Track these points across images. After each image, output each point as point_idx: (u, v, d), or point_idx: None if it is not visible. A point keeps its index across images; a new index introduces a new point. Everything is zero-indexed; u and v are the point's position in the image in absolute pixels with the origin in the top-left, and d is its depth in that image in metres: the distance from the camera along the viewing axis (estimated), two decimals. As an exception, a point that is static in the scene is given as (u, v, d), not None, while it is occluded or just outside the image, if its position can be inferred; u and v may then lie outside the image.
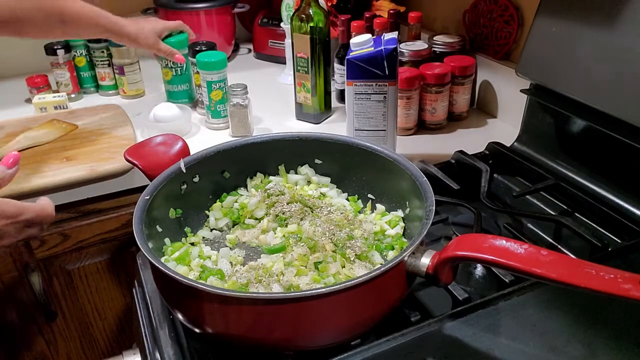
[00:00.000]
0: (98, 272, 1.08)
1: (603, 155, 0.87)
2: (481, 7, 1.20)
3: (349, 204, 0.80)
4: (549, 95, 0.93)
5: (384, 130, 0.94)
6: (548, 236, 0.82)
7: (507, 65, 1.13)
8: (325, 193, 0.81)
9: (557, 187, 0.89)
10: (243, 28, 1.69)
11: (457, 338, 0.60)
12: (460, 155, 0.97)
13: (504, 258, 0.52)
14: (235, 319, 0.56)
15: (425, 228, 0.60)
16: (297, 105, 1.18)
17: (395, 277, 0.58)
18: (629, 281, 0.46)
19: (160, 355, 0.65)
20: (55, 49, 1.25)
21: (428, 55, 1.17)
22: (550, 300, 0.64)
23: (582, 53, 0.85)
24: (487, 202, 0.86)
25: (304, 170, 0.83)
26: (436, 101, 1.12)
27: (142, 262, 0.78)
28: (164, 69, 1.22)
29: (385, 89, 0.90)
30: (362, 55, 0.88)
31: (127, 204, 1.02)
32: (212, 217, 0.78)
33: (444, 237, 0.82)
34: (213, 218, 0.78)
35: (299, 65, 1.12)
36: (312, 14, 1.06)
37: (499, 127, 1.17)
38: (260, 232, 0.75)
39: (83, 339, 1.14)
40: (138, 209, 0.65)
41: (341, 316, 0.56)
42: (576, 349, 0.58)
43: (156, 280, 0.65)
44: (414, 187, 0.69)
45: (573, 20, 0.87)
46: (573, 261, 0.54)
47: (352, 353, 0.58)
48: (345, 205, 0.79)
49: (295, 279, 0.63)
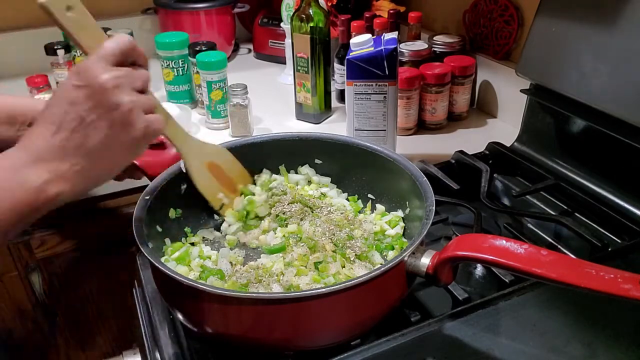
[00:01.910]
0: (98, 272, 1.08)
1: (603, 155, 0.87)
2: (481, 7, 1.20)
3: (349, 204, 0.80)
4: (549, 95, 0.93)
5: (384, 130, 0.94)
6: (548, 236, 0.82)
7: (507, 65, 1.13)
8: (326, 193, 0.81)
9: (557, 187, 0.89)
10: (243, 28, 1.69)
11: (457, 338, 0.60)
12: (460, 155, 0.97)
13: (504, 258, 0.52)
14: (235, 319, 0.56)
15: (425, 228, 0.60)
16: (297, 105, 1.18)
17: (395, 277, 0.58)
18: (629, 281, 0.46)
19: (160, 355, 0.65)
20: (55, 49, 1.25)
21: (428, 55, 1.17)
22: (550, 300, 0.64)
23: (582, 53, 0.85)
24: (487, 202, 0.86)
25: (304, 170, 0.83)
26: (436, 101, 1.12)
27: (142, 262, 0.77)
28: (165, 70, 1.22)
29: (385, 89, 0.90)
30: (362, 55, 0.88)
31: (127, 204, 1.02)
32: (226, 223, 0.78)
33: (444, 237, 0.82)
34: (226, 224, 0.78)
35: (299, 65, 1.12)
36: (312, 14, 1.06)
37: (499, 127, 1.17)
38: (260, 232, 0.75)
39: (83, 339, 1.14)
40: (138, 209, 0.65)
41: (341, 316, 0.56)
42: (576, 349, 0.58)
43: (156, 280, 0.65)
44: (414, 187, 0.69)
45: (573, 20, 0.87)
46: (573, 261, 0.54)
47: (352, 353, 0.58)
48: (345, 205, 0.79)
49: (295, 279, 0.63)
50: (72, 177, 0.48)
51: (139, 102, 0.51)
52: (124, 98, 0.49)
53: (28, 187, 0.46)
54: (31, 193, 0.46)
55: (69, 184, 0.48)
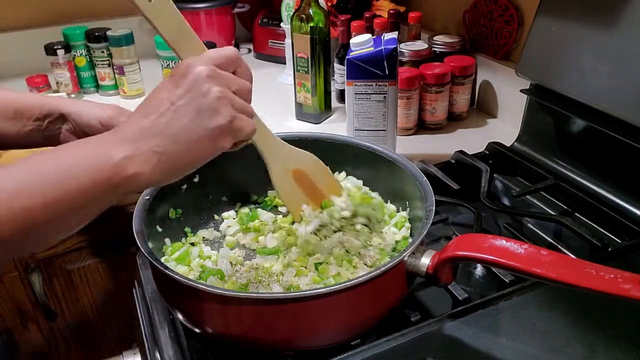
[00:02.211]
0: (98, 272, 1.08)
1: (603, 155, 0.87)
2: (481, 7, 1.20)
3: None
4: (549, 95, 0.93)
5: (384, 130, 0.94)
6: (548, 236, 0.82)
7: (507, 65, 1.13)
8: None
9: (557, 187, 0.89)
10: (243, 28, 1.69)
11: (457, 338, 0.60)
12: (460, 155, 0.97)
13: (504, 258, 0.52)
14: (235, 319, 0.56)
15: (425, 228, 0.60)
16: (297, 105, 1.18)
17: (395, 277, 0.58)
18: (629, 281, 0.46)
19: (160, 355, 0.65)
20: (55, 49, 1.25)
21: (428, 55, 1.17)
22: (550, 300, 0.64)
23: (582, 53, 0.85)
24: (487, 202, 0.86)
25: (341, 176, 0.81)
26: (436, 101, 1.12)
27: (142, 262, 0.77)
28: (165, 70, 1.22)
29: (385, 89, 0.90)
30: (362, 55, 0.88)
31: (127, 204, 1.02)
32: (225, 224, 0.78)
33: (444, 237, 0.82)
34: (226, 224, 0.78)
35: (299, 65, 1.12)
36: (312, 14, 1.06)
37: (499, 127, 1.17)
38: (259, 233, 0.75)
39: (83, 339, 1.14)
40: (138, 209, 0.65)
41: (341, 316, 0.56)
42: (576, 349, 0.58)
43: (156, 280, 0.65)
44: (414, 187, 0.69)
45: (573, 20, 0.87)
46: (573, 261, 0.54)
47: (352, 353, 0.58)
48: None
49: (295, 280, 0.63)
50: (152, 157, 0.47)
51: (230, 95, 0.51)
52: (214, 87, 0.49)
53: (107, 160, 0.46)
54: (109, 168, 0.46)
55: (148, 165, 0.47)
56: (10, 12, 1.43)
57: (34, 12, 1.44)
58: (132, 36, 1.28)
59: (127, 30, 1.28)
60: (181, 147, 0.48)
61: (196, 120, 0.48)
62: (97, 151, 0.47)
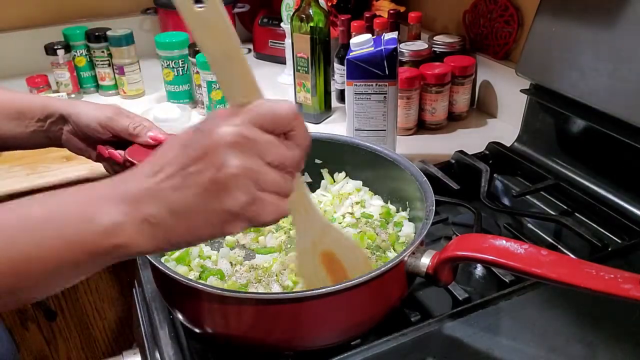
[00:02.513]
0: (98, 272, 1.08)
1: (603, 155, 0.87)
2: (481, 7, 1.20)
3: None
4: (549, 95, 0.93)
5: (384, 130, 0.94)
6: (548, 236, 0.82)
7: (507, 65, 1.13)
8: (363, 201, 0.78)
9: (557, 187, 0.89)
10: (243, 28, 1.69)
11: (457, 338, 0.60)
12: (460, 155, 0.97)
13: (504, 258, 0.52)
14: (235, 319, 0.56)
15: (425, 228, 0.60)
16: (297, 105, 1.18)
17: (395, 277, 0.58)
18: (629, 281, 0.46)
19: (160, 355, 0.65)
20: (55, 49, 1.25)
21: (428, 55, 1.17)
22: (550, 300, 0.64)
23: (582, 53, 0.85)
24: (487, 202, 0.86)
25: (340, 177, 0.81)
26: (436, 101, 1.12)
27: (142, 262, 0.77)
28: (165, 70, 1.22)
29: (385, 89, 0.90)
30: (362, 55, 0.88)
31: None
32: None
33: (444, 237, 0.82)
34: None
35: (299, 65, 1.12)
36: (312, 14, 1.06)
37: (499, 127, 1.17)
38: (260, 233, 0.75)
39: (83, 339, 1.14)
40: (138, 209, 0.65)
41: (341, 316, 0.56)
42: (576, 349, 0.58)
43: (156, 280, 0.65)
44: (414, 187, 0.69)
45: (573, 20, 0.87)
46: (573, 261, 0.54)
47: (352, 353, 0.58)
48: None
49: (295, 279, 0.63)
50: (145, 230, 0.40)
51: (256, 171, 0.40)
52: (233, 160, 0.39)
53: (95, 224, 0.39)
54: (96, 234, 0.39)
55: (139, 239, 0.40)
56: (10, 12, 1.43)
57: (34, 12, 1.44)
58: (132, 36, 1.28)
59: (127, 30, 1.28)
60: (179, 223, 0.40)
61: (202, 196, 0.39)
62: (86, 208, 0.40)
